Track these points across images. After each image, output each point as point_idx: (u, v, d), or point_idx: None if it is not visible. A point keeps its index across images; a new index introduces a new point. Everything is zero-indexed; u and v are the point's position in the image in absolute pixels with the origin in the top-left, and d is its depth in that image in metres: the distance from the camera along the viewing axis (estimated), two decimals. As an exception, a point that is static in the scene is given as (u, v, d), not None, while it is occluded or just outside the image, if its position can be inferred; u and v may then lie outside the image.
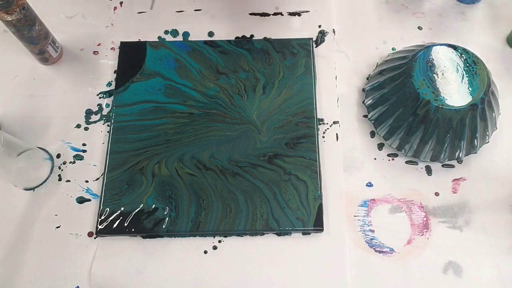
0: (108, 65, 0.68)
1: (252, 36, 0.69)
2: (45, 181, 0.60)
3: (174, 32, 0.69)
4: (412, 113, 0.56)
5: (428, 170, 0.60)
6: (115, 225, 0.56)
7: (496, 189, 0.58)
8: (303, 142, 0.60)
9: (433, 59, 0.57)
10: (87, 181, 0.60)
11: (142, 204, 0.57)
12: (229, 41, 0.67)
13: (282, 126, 0.61)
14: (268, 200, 0.57)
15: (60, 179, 0.60)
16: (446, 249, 0.56)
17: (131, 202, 0.57)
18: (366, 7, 0.71)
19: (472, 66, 0.56)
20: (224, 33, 0.69)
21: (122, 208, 0.57)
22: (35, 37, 0.62)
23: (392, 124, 0.58)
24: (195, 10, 0.71)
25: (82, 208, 0.59)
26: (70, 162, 0.61)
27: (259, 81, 0.64)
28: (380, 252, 0.56)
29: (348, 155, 0.61)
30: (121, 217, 0.57)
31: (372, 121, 0.61)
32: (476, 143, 0.57)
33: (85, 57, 0.68)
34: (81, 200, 0.59)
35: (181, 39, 0.69)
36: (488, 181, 0.59)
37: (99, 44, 0.69)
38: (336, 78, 0.66)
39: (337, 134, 0.62)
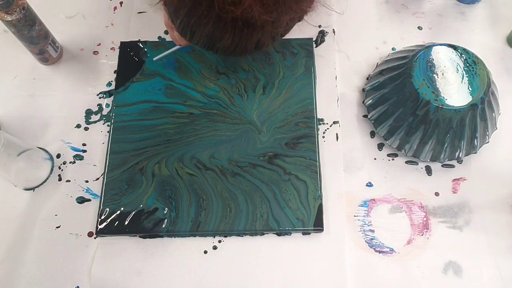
0: (108, 65, 0.68)
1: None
2: (45, 181, 0.60)
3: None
4: (412, 113, 0.56)
5: (428, 170, 0.60)
6: (115, 225, 0.56)
7: (496, 189, 0.58)
8: (303, 142, 0.60)
9: (433, 59, 0.57)
10: (87, 181, 0.60)
11: (142, 204, 0.57)
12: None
13: (282, 126, 0.61)
14: (268, 200, 0.57)
15: (60, 179, 0.60)
16: (446, 249, 0.56)
17: (131, 202, 0.57)
18: (366, 7, 0.71)
19: (472, 66, 0.56)
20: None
21: (122, 208, 0.57)
22: (35, 37, 0.62)
23: (392, 124, 0.58)
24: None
25: (82, 208, 0.59)
26: (70, 162, 0.61)
27: (259, 81, 0.64)
28: (380, 252, 0.56)
29: (348, 155, 0.61)
30: (121, 217, 0.57)
31: (372, 121, 0.61)
32: (476, 143, 0.57)
33: (85, 57, 0.68)
34: (81, 200, 0.59)
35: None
36: (488, 181, 0.59)
37: (99, 44, 0.69)
38: (336, 78, 0.66)
39: (337, 134, 0.62)
